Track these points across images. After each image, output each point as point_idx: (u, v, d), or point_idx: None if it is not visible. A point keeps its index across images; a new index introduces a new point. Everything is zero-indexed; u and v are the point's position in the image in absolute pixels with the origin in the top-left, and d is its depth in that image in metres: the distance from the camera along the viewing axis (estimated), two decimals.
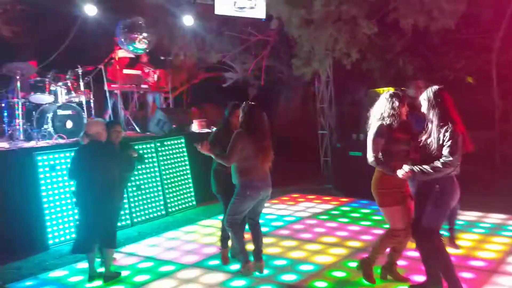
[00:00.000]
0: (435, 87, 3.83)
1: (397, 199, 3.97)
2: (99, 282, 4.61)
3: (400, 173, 3.74)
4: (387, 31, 9.47)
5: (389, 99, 4.00)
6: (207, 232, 6.26)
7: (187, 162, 7.81)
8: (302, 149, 10.54)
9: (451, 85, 9.92)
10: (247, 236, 4.70)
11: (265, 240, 5.00)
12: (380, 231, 5.44)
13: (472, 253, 4.96)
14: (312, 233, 5.98)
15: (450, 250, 4.59)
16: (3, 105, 7.27)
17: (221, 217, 5.22)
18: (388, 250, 4.29)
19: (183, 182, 7.71)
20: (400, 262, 4.41)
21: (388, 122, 3.97)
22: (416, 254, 4.18)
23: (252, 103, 4.54)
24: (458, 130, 3.66)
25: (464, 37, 10.12)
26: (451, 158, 3.60)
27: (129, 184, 6.51)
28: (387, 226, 4.27)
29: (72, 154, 4.87)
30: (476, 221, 6.16)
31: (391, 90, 8.79)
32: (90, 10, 7.23)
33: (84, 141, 4.76)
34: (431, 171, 3.64)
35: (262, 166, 4.43)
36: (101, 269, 4.76)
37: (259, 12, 8.66)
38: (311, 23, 8.68)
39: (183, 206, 7.60)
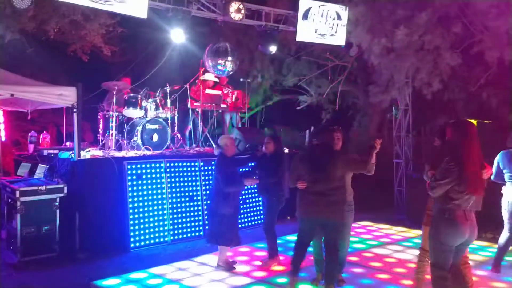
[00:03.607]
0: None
1: (427, 220, 4.40)
2: None
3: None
4: (471, 62, 9.17)
5: None
6: None
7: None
8: (375, 177, 10.33)
9: None
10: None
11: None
12: None
13: None
14: (382, 262, 5.93)
15: None
16: (99, 116, 8.00)
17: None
18: None
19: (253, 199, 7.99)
20: None
21: None
22: None
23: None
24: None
25: None
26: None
27: None
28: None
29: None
30: None
31: (474, 122, 8.47)
32: (179, 38, 7.52)
33: (215, 152, 5.62)
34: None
35: None
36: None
37: (339, 39, 8.75)
38: (392, 51, 8.64)
39: (254, 223, 7.84)
